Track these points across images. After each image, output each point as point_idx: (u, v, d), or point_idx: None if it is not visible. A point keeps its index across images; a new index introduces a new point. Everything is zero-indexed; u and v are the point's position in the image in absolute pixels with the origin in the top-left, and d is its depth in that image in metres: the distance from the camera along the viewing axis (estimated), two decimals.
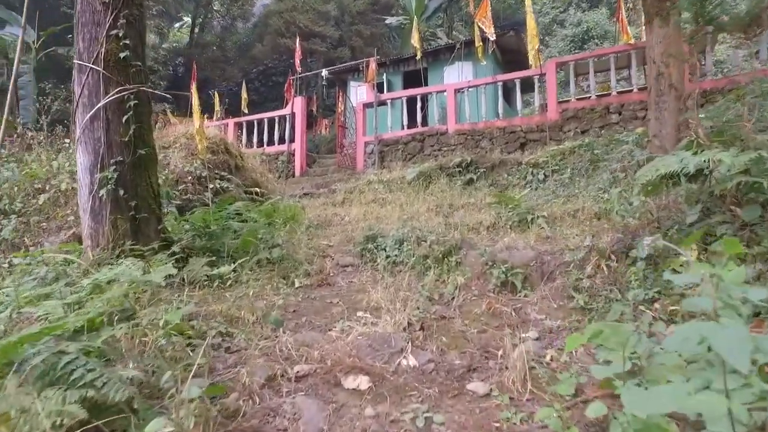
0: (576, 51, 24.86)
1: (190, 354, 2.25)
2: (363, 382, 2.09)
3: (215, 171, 7.35)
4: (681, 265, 2.60)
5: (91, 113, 4.06)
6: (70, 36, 19.35)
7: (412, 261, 4.61)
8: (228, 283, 4.03)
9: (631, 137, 7.11)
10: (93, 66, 4.09)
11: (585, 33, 28.98)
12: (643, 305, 2.63)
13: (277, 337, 2.76)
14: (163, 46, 24.77)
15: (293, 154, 14.00)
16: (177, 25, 30.74)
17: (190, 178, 6.93)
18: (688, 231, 2.84)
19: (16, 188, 6.59)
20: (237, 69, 25.25)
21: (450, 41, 18.28)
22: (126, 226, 4.08)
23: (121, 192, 4.06)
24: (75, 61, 4.21)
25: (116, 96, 4.10)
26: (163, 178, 6.71)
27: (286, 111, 14.43)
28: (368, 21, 25.82)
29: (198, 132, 6.94)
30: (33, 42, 19.62)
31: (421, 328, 2.90)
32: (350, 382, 2.08)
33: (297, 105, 14.26)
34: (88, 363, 1.59)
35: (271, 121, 14.56)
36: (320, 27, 23.25)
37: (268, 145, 14.52)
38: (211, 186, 6.95)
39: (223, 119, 15.87)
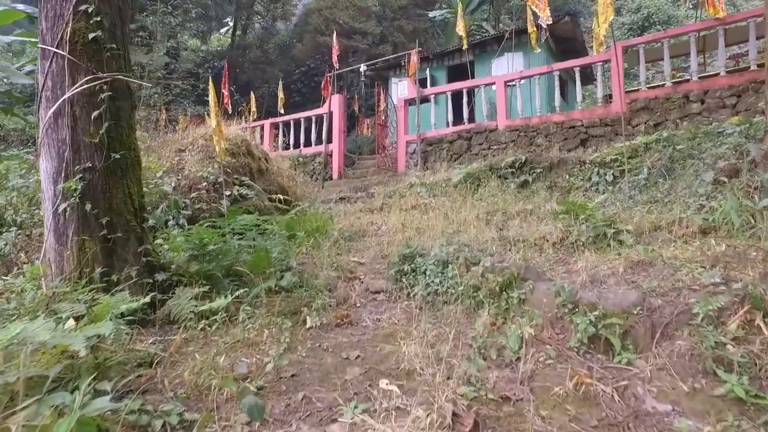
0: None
1: None
2: None
3: (234, 176, 6.53)
4: None
5: (54, 108, 3.25)
6: None
7: (458, 292, 3.55)
8: (215, 326, 3.10)
9: (735, 128, 5.72)
10: (56, 50, 3.28)
11: (645, 19, 26.80)
12: None
13: None
14: (201, 48, 24.65)
15: (331, 156, 13.16)
16: (223, 30, 30.77)
17: (205, 184, 6.14)
18: None
19: (16, 197, 6.00)
20: (278, 70, 24.82)
21: (497, 32, 16.95)
22: (95, 249, 3.24)
23: (89, 206, 3.22)
24: (39, 45, 3.42)
25: (85, 87, 3.27)
26: (174, 184, 5.96)
27: (323, 110, 13.63)
28: (410, 16, 24.75)
29: (215, 132, 6.15)
30: None
31: (474, 426, 1.86)
32: None
33: (334, 103, 13.41)
34: None
35: (308, 120, 13.80)
36: (361, 23, 22.39)
37: (305, 146, 13.78)
38: (227, 193, 6.14)
39: (259, 120, 15.28)
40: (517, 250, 4.51)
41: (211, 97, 6.48)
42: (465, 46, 12.33)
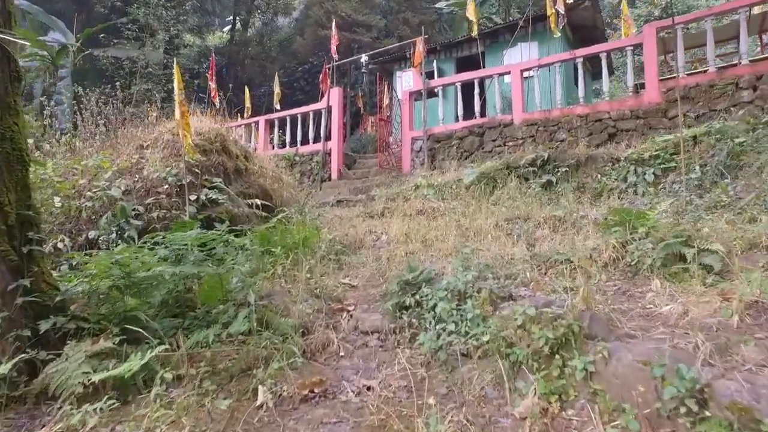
0: None
1: None
2: None
3: (204, 177, 5.44)
4: None
5: None
6: (103, 36, 18.46)
7: (483, 343, 2.43)
8: (106, 411, 1.99)
9: None
10: None
11: (663, 11, 25.40)
12: None
13: None
14: (196, 43, 23.61)
15: (329, 154, 12.03)
16: (226, 29, 29.73)
17: (166, 186, 5.04)
18: None
19: None
20: (279, 67, 23.73)
21: (510, 20, 15.75)
22: None
23: None
24: None
25: None
26: (126, 187, 4.87)
27: (321, 104, 12.50)
28: (417, 8, 23.56)
29: (181, 125, 5.09)
30: (72, 45, 18.82)
31: None
32: None
33: (333, 97, 12.29)
34: None
35: (305, 116, 12.68)
36: (364, 15, 21.23)
37: (302, 144, 12.66)
38: (193, 197, 5.05)
39: (253, 116, 14.22)
40: (559, 276, 3.38)
41: (176, 82, 5.42)
42: (475, 32, 11.15)
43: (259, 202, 5.55)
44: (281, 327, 2.93)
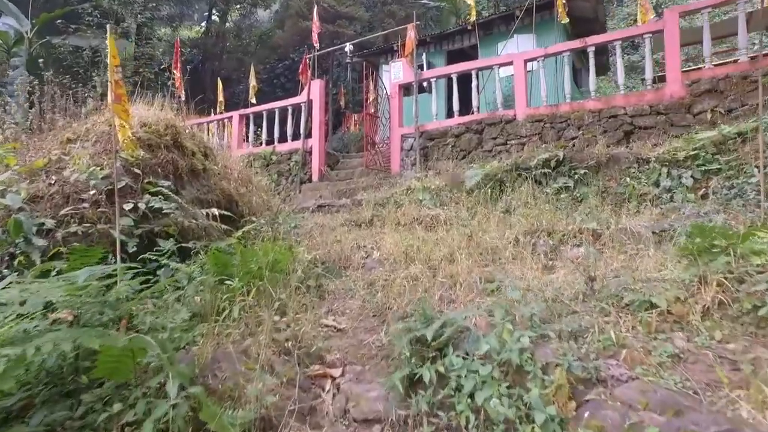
0: None
1: None
2: None
3: (148, 179, 4.21)
4: None
5: None
6: (61, 22, 16.92)
7: None
8: None
9: None
10: None
11: (654, 9, 24.74)
12: None
13: None
14: (168, 33, 22.08)
15: (310, 153, 10.82)
16: (204, 24, 28.22)
17: (92, 192, 3.80)
18: None
19: None
20: (257, 62, 22.36)
21: (507, 11, 14.72)
22: None
23: None
24: None
25: None
26: (27, 194, 3.63)
27: (301, 98, 11.27)
28: (403, 1, 22.49)
29: (116, 111, 3.84)
30: (27, 32, 17.23)
31: None
32: None
33: (314, 90, 11.08)
34: None
35: (284, 111, 11.42)
36: (348, 7, 20.06)
37: (279, 141, 11.41)
38: (129, 206, 3.82)
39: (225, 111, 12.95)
40: (637, 325, 2.27)
41: (110, 56, 4.16)
42: (473, 18, 10.04)
43: (216, 211, 4.32)
44: (225, 429, 1.76)
